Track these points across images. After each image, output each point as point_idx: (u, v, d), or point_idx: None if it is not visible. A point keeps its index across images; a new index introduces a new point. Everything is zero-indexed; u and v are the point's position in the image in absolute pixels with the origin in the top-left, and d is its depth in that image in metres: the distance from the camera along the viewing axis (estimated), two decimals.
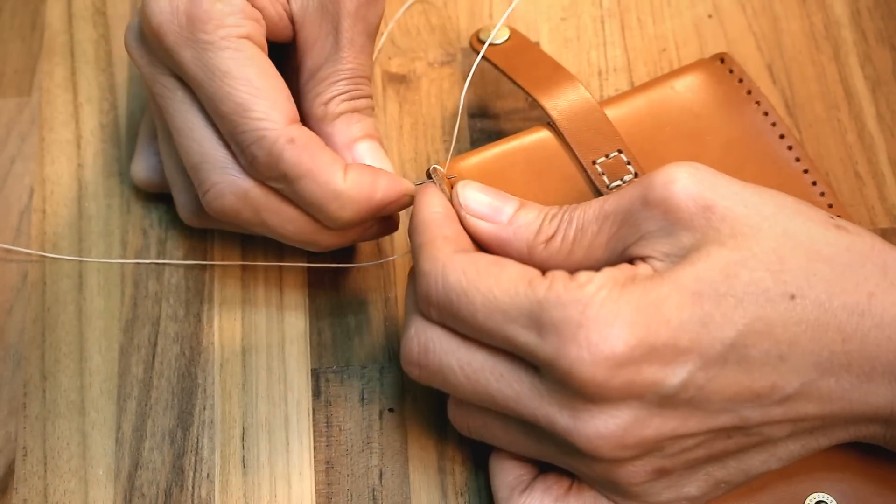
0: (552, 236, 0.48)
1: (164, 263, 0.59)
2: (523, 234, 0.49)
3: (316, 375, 0.56)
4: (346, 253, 0.58)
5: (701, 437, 0.45)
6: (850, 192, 0.59)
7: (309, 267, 0.58)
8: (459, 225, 0.50)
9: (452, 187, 0.51)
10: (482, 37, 0.58)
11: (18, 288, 0.58)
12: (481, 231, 0.49)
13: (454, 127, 0.61)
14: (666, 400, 0.44)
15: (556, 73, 0.57)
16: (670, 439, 0.45)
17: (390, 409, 0.55)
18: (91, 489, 0.54)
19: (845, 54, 0.63)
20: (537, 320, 0.44)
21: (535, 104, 0.57)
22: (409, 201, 0.52)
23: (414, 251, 0.49)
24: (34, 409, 0.56)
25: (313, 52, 0.53)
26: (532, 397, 0.45)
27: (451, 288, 0.46)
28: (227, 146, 0.51)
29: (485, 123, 0.62)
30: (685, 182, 0.46)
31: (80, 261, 0.59)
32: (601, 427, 0.44)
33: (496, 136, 0.61)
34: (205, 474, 0.54)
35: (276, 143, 0.49)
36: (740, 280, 0.44)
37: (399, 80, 0.63)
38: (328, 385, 0.56)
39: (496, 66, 0.58)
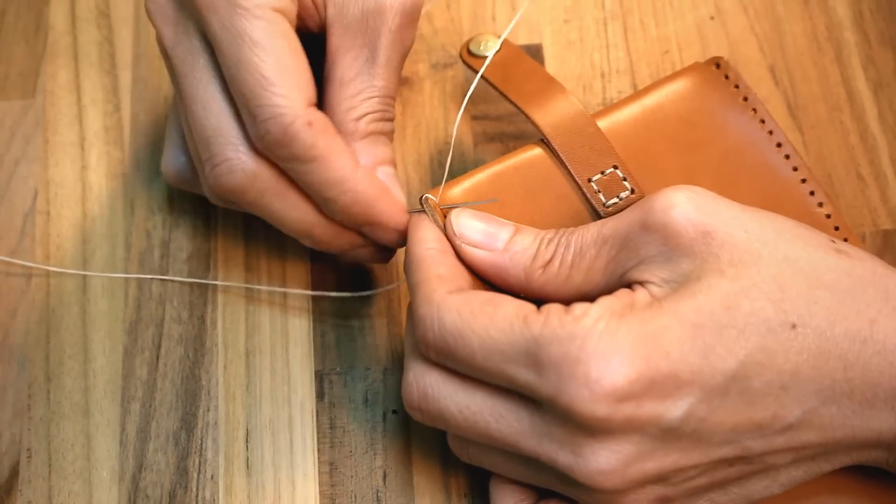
0: (549, 261, 0.48)
1: (166, 279, 0.59)
2: (520, 260, 0.48)
3: (320, 377, 0.56)
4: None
5: (703, 467, 0.45)
6: (853, 193, 0.59)
7: (312, 295, 0.57)
8: (454, 259, 0.49)
9: (446, 216, 0.50)
10: (472, 48, 0.57)
11: (23, 290, 0.58)
12: (477, 259, 0.49)
13: (450, 142, 0.61)
14: (668, 433, 0.43)
15: (549, 86, 0.55)
16: (673, 471, 0.44)
17: (394, 411, 0.55)
18: (95, 491, 0.54)
19: (847, 56, 0.63)
20: (535, 358, 0.44)
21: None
22: (403, 239, 0.52)
23: (410, 290, 0.49)
24: (38, 411, 0.56)
25: (345, 62, 0.53)
26: (532, 435, 0.45)
27: (448, 330, 0.46)
28: (241, 122, 0.50)
29: (486, 126, 0.62)
30: (685, 207, 0.45)
31: (84, 273, 0.59)
32: (603, 463, 0.44)
33: (497, 138, 0.61)
34: (209, 476, 0.54)
35: (294, 124, 0.48)
36: (741, 311, 0.43)
37: (402, 83, 0.63)
38: (332, 387, 0.56)
39: (487, 81, 0.56)
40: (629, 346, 0.43)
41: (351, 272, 0.59)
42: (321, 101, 0.52)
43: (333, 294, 0.57)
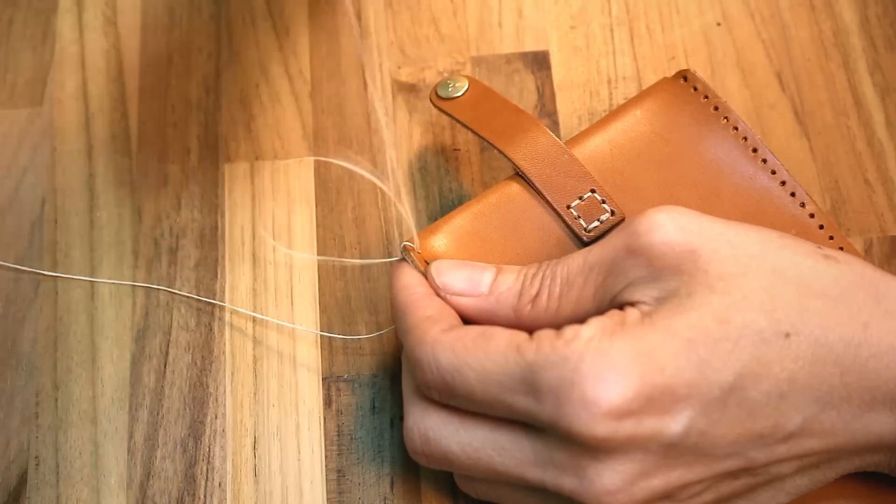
0: (536, 295, 0.48)
1: (172, 292, 0.59)
2: (507, 300, 0.48)
3: (327, 384, 0.56)
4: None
5: (709, 481, 0.45)
6: (860, 199, 0.59)
7: (320, 334, 0.57)
8: (440, 299, 0.49)
9: (427, 262, 0.51)
10: (440, 91, 0.57)
11: (31, 298, 0.59)
12: (464, 306, 0.49)
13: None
14: (670, 448, 0.43)
15: (519, 119, 0.55)
16: (679, 487, 0.44)
17: (401, 418, 0.55)
18: (103, 498, 0.54)
19: (854, 62, 0.63)
20: (531, 385, 0.44)
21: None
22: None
23: (401, 336, 0.49)
24: (46, 419, 0.56)
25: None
26: (536, 464, 0.45)
27: (445, 369, 0.46)
28: None
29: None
30: (668, 227, 0.45)
31: (91, 280, 0.59)
32: (608, 483, 0.43)
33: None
34: (217, 483, 0.54)
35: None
36: (733, 324, 0.43)
37: (409, 90, 0.63)
38: (339, 394, 0.56)
39: (459, 122, 0.56)
40: (623, 364, 0.43)
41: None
42: None
43: (339, 336, 0.57)
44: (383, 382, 0.56)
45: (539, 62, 0.64)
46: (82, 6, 0.66)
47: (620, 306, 0.45)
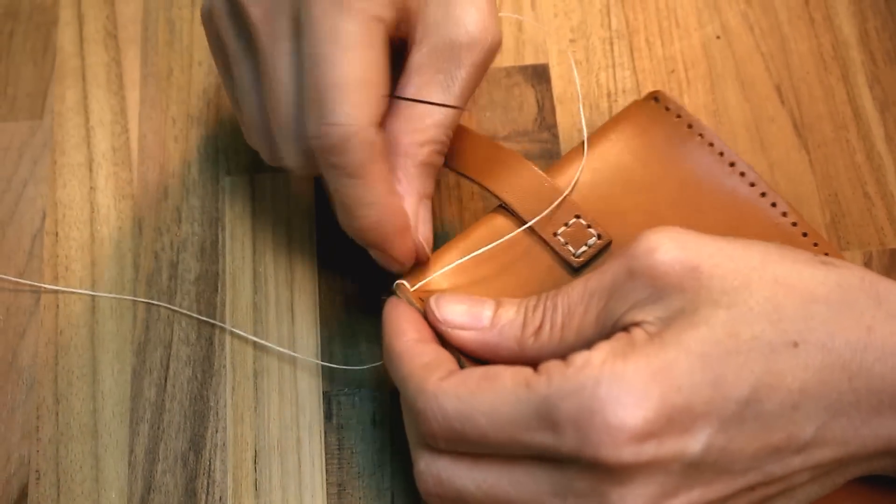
0: (540, 327, 0.47)
1: (174, 310, 0.59)
2: (509, 332, 0.48)
3: (328, 398, 0.56)
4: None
5: (728, 497, 0.45)
6: (860, 212, 0.59)
7: (321, 364, 0.57)
8: (435, 345, 0.49)
9: (422, 299, 0.50)
10: None
11: (31, 311, 0.59)
12: (466, 340, 0.49)
13: None
14: (690, 468, 0.43)
15: (497, 154, 0.55)
16: None
17: (402, 428, 0.55)
18: None
19: (854, 75, 0.63)
20: (548, 419, 0.43)
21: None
22: (402, 268, 0.52)
23: (397, 384, 0.48)
24: (47, 433, 0.56)
25: (422, 82, 0.52)
26: (555, 494, 0.44)
27: (452, 417, 0.45)
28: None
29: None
30: (667, 247, 0.45)
31: (93, 294, 0.59)
32: None
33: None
34: (217, 497, 0.54)
35: (354, 139, 0.48)
36: (742, 337, 0.43)
37: None
38: (340, 408, 0.56)
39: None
40: (641, 386, 0.42)
41: (357, 293, 0.59)
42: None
43: (339, 367, 0.57)
44: (384, 396, 0.56)
45: (539, 75, 0.64)
46: (83, 19, 0.66)
47: (624, 328, 0.45)
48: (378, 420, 0.56)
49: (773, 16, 0.65)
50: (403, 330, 0.49)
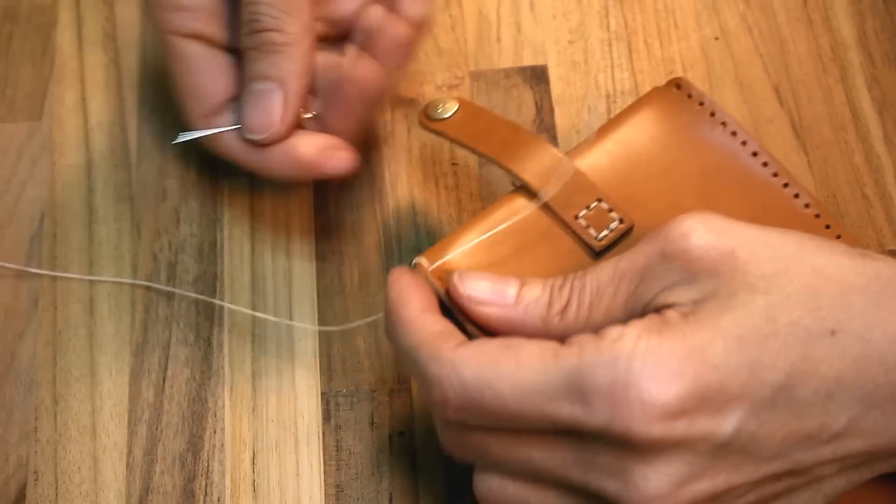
0: (566, 306, 0.46)
1: (174, 292, 0.59)
2: (535, 310, 0.47)
3: (326, 399, 0.56)
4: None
5: (754, 483, 0.44)
6: (858, 213, 0.59)
7: (318, 330, 0.58)
8: (446, 320, 0.48)
9: (441, 278, 0.50)
10: (430, 112, 0.56)
11: (30, 312, 0.59)
12: (491, 316, 0.47)
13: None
14: (719, 450, 0.42)
15: (517, 135, 0.54)
16: (725, 490, 0.43)
17: (400, 433, 0.55)
18: None
19: (852, 76, 0.63)
20: (579, 390, 0.42)
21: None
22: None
23: (403, 352, 0.47)
24: (45, 434, 0.56)
25: None
26: (576, 466, 0.43)
27: (471, 384, 0.44)
28: None
29: None
30: (702, 232, 0.45)
31: (91, 280, 0.59)
32: (654, 487, 0.42)
33: None
34: (215, 498, 0.54)
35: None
36: (780, 322, 0.43)
37: (407, 104, 0.63)
38: (338, 409, 0.56)
39: (454, 141, 0.56)
40: (676, 363, 0.42)
41: (358, 293, 0.59)
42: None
43: (337, 328, 0.57)
44: (382, 398, 0.56)
45: (537, 77, 0.64)
46: (82, 21, 0.66)
47: (656, 310, 0.44)
48: (376, 421, 0.56)
49: (771, 17, 0.65)
50: (412, 297, 0.48)
